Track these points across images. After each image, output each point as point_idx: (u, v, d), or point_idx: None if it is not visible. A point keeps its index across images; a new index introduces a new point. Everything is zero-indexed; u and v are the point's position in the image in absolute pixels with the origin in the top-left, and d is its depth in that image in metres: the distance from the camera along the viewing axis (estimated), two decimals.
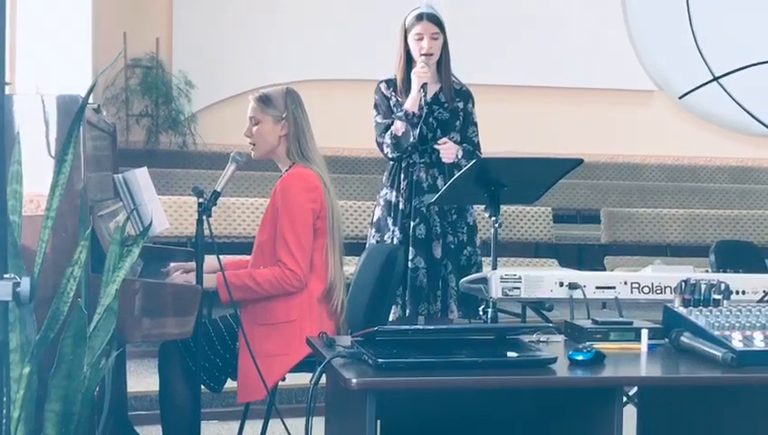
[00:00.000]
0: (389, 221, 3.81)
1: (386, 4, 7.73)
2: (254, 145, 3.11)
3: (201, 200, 2.80)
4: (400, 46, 3.81)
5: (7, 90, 1.69)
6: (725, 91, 8.94)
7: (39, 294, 2.11)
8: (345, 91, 8.16)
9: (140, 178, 3.03)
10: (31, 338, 2.02)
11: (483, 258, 3.87)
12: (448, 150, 3.73)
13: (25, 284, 1.53)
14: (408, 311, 3.72)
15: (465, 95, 3.86)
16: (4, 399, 1.76)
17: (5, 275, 1.54)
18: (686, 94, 8.97)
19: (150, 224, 2.46)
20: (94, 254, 2.40)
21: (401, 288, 3.66)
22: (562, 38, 8.65)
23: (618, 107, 8.90)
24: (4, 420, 1.81)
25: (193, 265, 3.07)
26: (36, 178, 2.28)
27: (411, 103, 3.70)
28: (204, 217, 2.80)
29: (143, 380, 4.40)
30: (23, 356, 1.99)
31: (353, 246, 5.47)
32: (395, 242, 3.75)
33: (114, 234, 2.23)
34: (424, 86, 3.70)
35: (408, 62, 3.78)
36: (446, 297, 3.75)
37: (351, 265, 4.31)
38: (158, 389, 3.02)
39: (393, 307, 3.65)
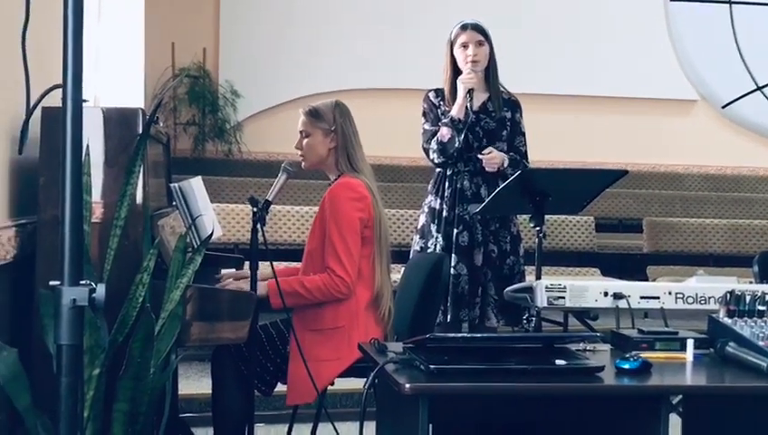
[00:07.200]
0: (433, 228, 3.86)
1: (432, 15, 7.81)
2: (304, 156, 3.19)
3: (255, 210, 2.89)
4: (447, 58, 3.85)
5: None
6: None
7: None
8: (389, 100, 8.22)
9: (196, 187, 3.10)
10: (101, 341, 2.11)
11: (525, 267, 3.91)
12: (491, 160, 3.77)
13: (101, 290, 1.59)
14: (449, 316, 3.77)
15: (513, 105, 3.89)
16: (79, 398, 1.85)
17: (81, 282, 1.59)
18: (729, 104, 8.91)
19: (212, 233, 2.55)
20: None
21: None
22: (606, 48, 8.62)
23: (660, 116, 8.86)
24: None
25: (244, 272, 3.16)
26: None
27: (457, 109, 3.75)
28: (258, 226, 2.88)
29: (192, 383, 4.49)
30: (92, 358, 2.08)
31: (395, 254, 5.50)
32: (438, 248, 3.79)
33: (177, 242, 2.31)
34: (470, 92, 3.73)
35: (455, 73, 3.81)
36: (484, 305, 3.79)
37: (394, 273, 4.35)
38: (206, 392, 3.10)
39: None
